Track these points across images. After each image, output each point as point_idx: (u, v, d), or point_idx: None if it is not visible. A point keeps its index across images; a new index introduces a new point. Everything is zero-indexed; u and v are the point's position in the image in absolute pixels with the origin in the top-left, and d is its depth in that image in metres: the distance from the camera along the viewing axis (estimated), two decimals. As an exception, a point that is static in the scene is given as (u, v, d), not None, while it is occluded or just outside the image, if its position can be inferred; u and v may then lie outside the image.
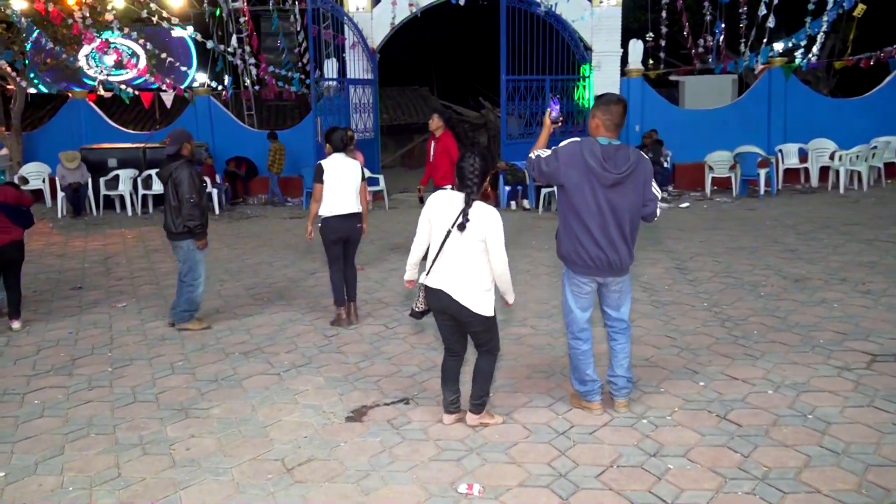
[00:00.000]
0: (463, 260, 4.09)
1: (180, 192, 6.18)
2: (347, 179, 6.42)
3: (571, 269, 4.45)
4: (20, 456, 4.22)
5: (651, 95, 15.05)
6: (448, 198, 4.16)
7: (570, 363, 4.66)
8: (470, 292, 4.11)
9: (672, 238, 10.02)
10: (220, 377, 5.37)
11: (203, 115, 15.15)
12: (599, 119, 4.29)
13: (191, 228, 6.25)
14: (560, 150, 4.31)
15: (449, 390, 4.43)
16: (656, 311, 6.68)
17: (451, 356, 4.41)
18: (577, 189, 4.24)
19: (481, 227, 4.03)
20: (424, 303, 4.33)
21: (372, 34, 14.45)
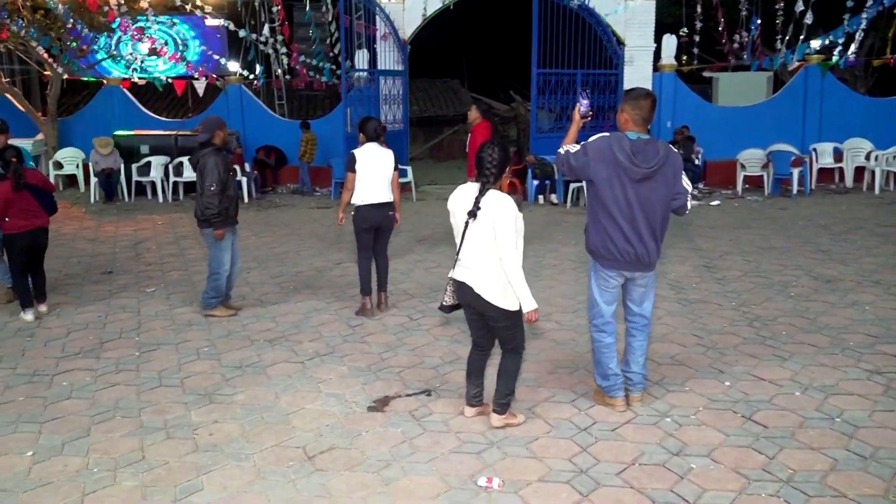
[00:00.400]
0: (481, 251, 4.02)
1: (204, 180, 6.22)
2: (380, 169, 6.45)
3: (599, 263, 4.44)
4: (47, 436, 4.29)
5: (684, 91, 14.86)
6: (466, 190, 4.14)
7: (594, 357, 4.64)
8: (491, 285, 4.03)
9: (702, 236, 9.90)
10: (245, 364, 5.41)
11: (234, 103, 15.25)
12: (628, 113, 4.27)
13: (207, 217, 6.27)
14: (589, 145, 4.31)
15: (473, 384, 4.40)
16: (683, 310, 6.61)
17: (478, 350, 4.37)
18: (605, 184, 4.23)
19: (491, 215, 3.96)
20: (453, 297, 4.28)
21: (403, 25, 14.42)
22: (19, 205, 6.27)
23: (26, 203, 6.29)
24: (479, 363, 4.38)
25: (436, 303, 6.86)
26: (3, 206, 6.25)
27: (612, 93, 14.32)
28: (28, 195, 6.28)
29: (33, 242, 6.43)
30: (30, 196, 6.29)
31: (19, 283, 6.53)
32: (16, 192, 6.23)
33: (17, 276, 6.51)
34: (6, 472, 3.89)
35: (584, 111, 4.53)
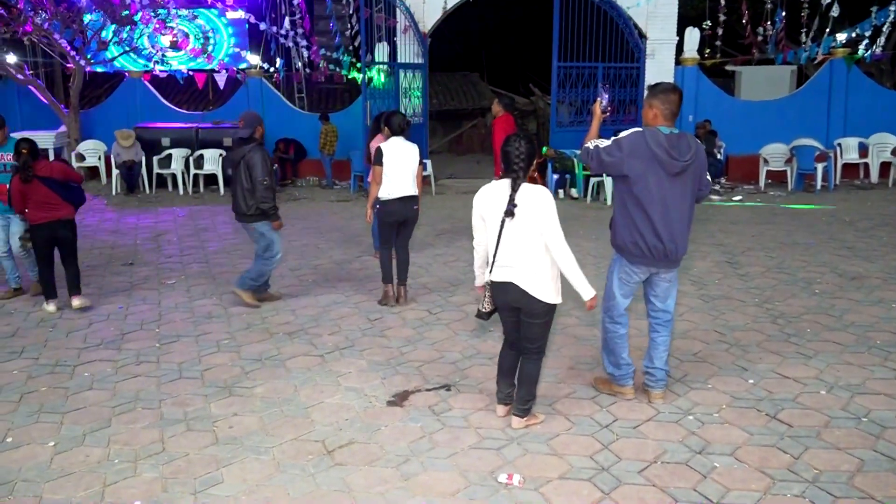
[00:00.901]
0: (523, 247, 3.93)
1: (254, 174, 6.24)
2: (406, 162, 6.51)
3: (627, 259, 4.41)
4: (69, 426, 4.32)
5: (706, 85, 14.69)
6: (495, 188, 4.04)
7: (605, 346, 4.64)
8: (538, 281, 3.95)
9: (724, 231, 9.79)
10: (265, 357, 5.42)
11: (255, 96, 15.28)
12: (658, 108, 4.24)
13: (265, 210, 6.34)
14: (623, 140, 4.26)
15: (506, 382, 4.31)
16: (705, 306, 6.54)
17: (511, 350, 4.28)
18: (640, 179, 4.20)
19: (532, 209, 3.89)
20: (491, 302, 4.19)
21: (423, 18, 14.35)
22: (35, 196, 6.30)
23: (43, 195, 6.29)
24: (511, 361, 4.28)
25: (455, 297, 6.87)
26: (19, 197, 6.33)
27: (633, 86, 14.18)
28: (43, 187, 6.27)
29: (54, 234, 6.43)
30: (45, 188, 6.27)
31: (42, 274, 6.58)
32: (24, 183, 6.24)
33: (41, 266, 6.56)
34: (29, 461, 3.91)
35: (605, 106, 4.53)
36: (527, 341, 4.15)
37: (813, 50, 13.74)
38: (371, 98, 13.47)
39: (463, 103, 23.32)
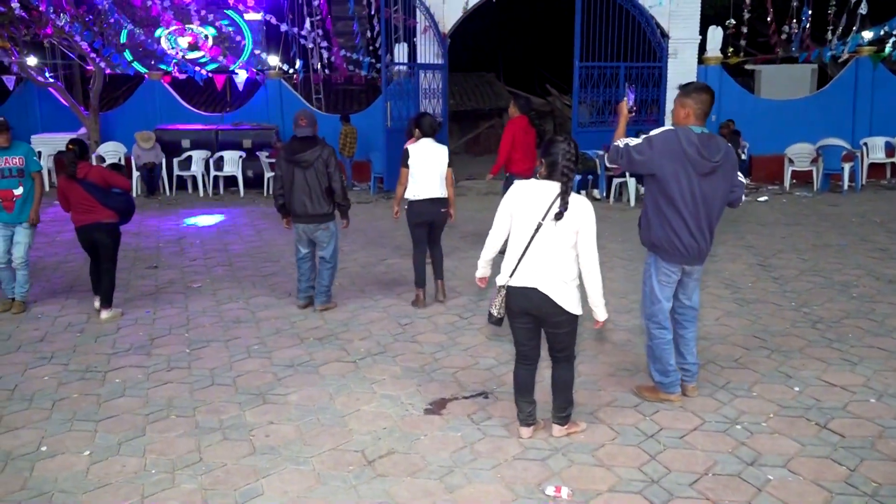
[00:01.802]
0: (555, 254, 3.81)
1: (334, 173, 6.21)
2: (434, 164, 6.52)
3: (662, 258, 4.37)
4: (103, 435, 4.25)
5: (729, 84, 14.52)
6: (535, 188, 3.86)
7: (652, 354, 4.54)
8: (564, 289, 3.83)
9: (752, 233, 9.64)
10: (296, 363, 5.34)
11: (274, 98, 15.23)
12: (691, 108, 4.22)
13: (343, 208, 6.35)
14: (654, 138, 4.23)
15: (525, 401, 4.10)
16: (741, 310, 6.40)
17: (526, 364, 4.08)
18: (672, 178, 4.19)
19: (576, 218, 3.78)
20: (505, 307, 4.00)
21: (443, 18, 14.27)
22: (74, 198, 6.29)
23: (81, 197, 6.28)
24: (529, 378, 4.09)
25: (486, 300, 6.76)
26: (62, 197, 6.36)
27: (655, 86, 14.05)
28: (81, 189, 6.25)
29: (91, 237, 6.39)
30: (83, 190, 6.25)
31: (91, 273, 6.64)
32: (68, 181, 6.26)
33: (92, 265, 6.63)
34: (65, 471, 3.84)
35: (631, 105, 4.56)
36: (555, 349, 4.04)
37: (839, 48, 13.54)
38: (391, 99, 13.40)
39: (480, 104, 23.20)
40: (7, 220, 6.47)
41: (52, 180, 14.26)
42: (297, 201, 6.22)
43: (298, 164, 6.17)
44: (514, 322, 4.01)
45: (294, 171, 6.18)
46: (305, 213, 6.24)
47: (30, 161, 6.52)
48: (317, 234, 6.36)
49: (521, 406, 4.12)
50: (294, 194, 6.21)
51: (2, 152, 6.40)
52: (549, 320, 3.90)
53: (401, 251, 8.88)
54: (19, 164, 6.43)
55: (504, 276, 3.93)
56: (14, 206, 6.42)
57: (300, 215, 6.28)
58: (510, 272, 3.89)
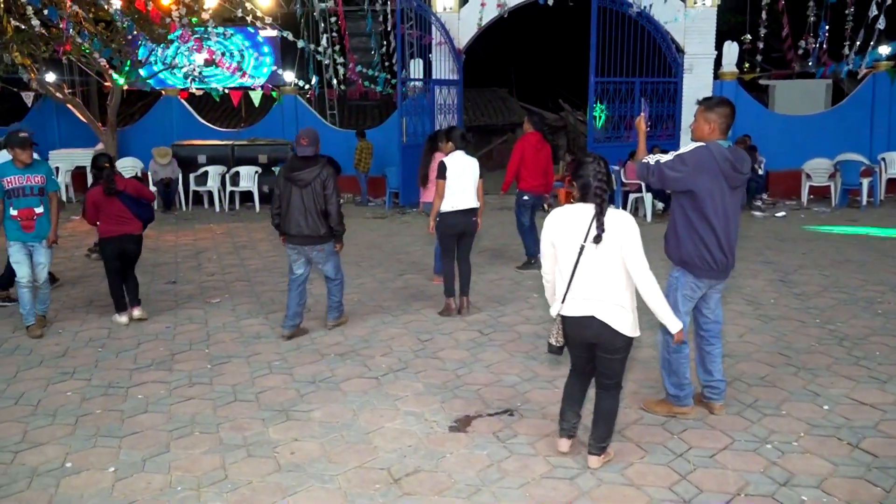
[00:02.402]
0: (605, 277, 3.67)
1: (331, 195, 5.98)
2: (469, 175, 6.71)
3: (693, 274, 4.35)
4: (127, 451, 4.23)
5: (745, 99, 14.48)
6: (571, 213, 3.73)
7: (667, 367, 4.51)
8: (621, 313, 3.68)
9: (771, 248, 9.57)
10: (318, 379, 5.31)
11: (289, 113, 15.33)
12: (715, 122, 4.25)
13: (337, 232, 6.12)
14: (686, 155, 4.24)
15: (573, 412, 4.02)
16: (765, 327, 6.34)
17: (580, 379, 4.00)
18: (707, 194, 4.20)
19: (617, 235, 3.64)
20: (563, 336, 3.87)
21: (458, 34, 14.33)
22: (110, 210, 6.39)
23: (117, 209, 6.39)
24: (580, 390, 4.01)
25: (506, 317, 6.74)
26: (93, 209, 6.43)
27: (671, 101, 14.04)
28: (118, 202, 6.38)
29: (123, 248, 6.50)
30: (120, 203, 6.38)
31: (112, 287, 6.67)
32: (106, 196, 6.36)
33: (111, 279, 6.66)
34: (90, 488, 3.82)
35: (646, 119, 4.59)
36: (604, 377, 3.88)
37: (857, 63, 13.49)
38: (406, 114, 13.44)
39: (493, 119, 23.25)
40: (27, 239, 6.32)
41: (69, 195, 14.38)
42: (293, 221, 6.00)
43: (296, 183, 5.96)
44: (573, 351, 3.93)
45: (291, 189, 5.98)
46: (300, 234, 6.02)
47: (49, 181, 6.42)
48: (312, 255, 6.15)
49: (566, 415, 4.04)
50: (290, 213, 6.00)
51: (25, 170, 6.26)
52: (607, 346, 3.75)
53: (418, 266, 8.87)
54: (40, 182, 6.34)
55: (556, 305, 3.84)
56: (34, 226, 6.30)
57: (294, 235, 6.05)
58: (562, 300, 3.79)
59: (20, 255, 6.31)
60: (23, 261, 6.32)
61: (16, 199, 6.23)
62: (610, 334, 3.71)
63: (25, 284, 6.35)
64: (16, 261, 6.30)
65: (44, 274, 6.47)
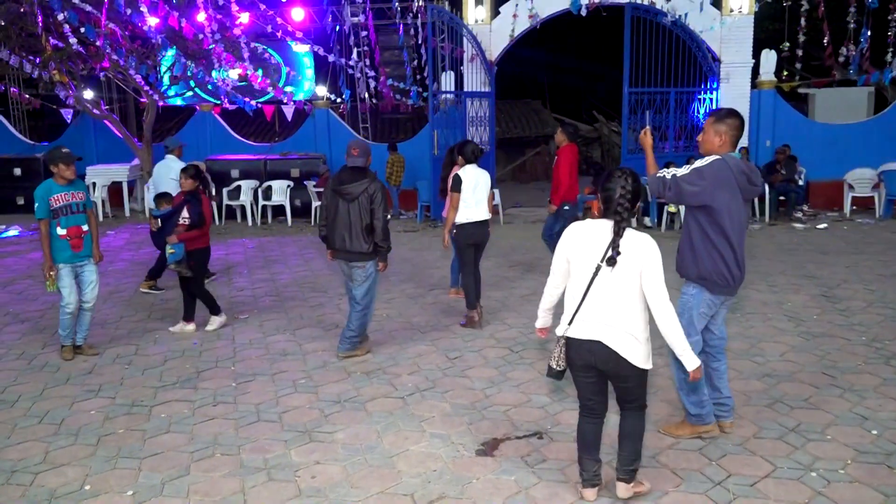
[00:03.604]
0: (618, 301, 3.44)
1: (377, 210, 5.78)
2: (481, 188, 6.87)
3: (711, 291, 4.22)
4: (147, 474, 4.15)
5: (784, 109, 14.16)
6: (591, 229, 3.52)
7: (684, 387, 4.32)
8: (630, 342, 3.44)
9: (813, 262, 9.26)
10: (343, 398, 5.19)
11: (321, 127, 15.35)
12: (727, 134, 4.18)
13: (381, 249, 5.92)
14: (705, 169, 4.12)
15: (591, 459, 3.69)
16: (808, 345, 6.08)
17: (592, 419, 3.67)
18: (725, 207, 4.11)
19: (636, 259, 3.42)
20: (565, 359, 3.64)
21: (490, 46, 14.24)
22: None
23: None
24: (594, 434, 3.68)
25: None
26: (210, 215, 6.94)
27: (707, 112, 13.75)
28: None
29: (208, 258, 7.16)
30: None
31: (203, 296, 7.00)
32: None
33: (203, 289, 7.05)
34: (107, 513, 3.74)
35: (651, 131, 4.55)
36: (624, 401, 3.65)
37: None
38: (438, 127, 13.36)
39: (526, 131, 23.10)
40: (77, 259, 6.11)
41: (105, 211, 14.54)
42: (337, 235, 5.85)
43: (343, 196, 5.80)
44: (576, 375, 3.63)
45: (338, 202, 5.83)
46: (343, 249, 5.85)
47: (88, 197, 6.33)
48: (352, 272, 5.95)
49: (585, 464, 3.71)
50: (335, 227, 5.86)
51: (68, 187, 6.10)
52: (615, 374, 3.53)
53: (448, 281, 8.72)
54: (83, 199, 6.22)
55: (563, 325, 3.59)
56: (83, 244, 6.13)
57: (338, 249, 5.90)
58: (569, 321, 3.55)
59: (69, 280, 6.07)
60: (71, 286, 6.09)
61: (63, 218, 6.02)
62: (616, 362, 3.46)
63: (71, 311, 6.11)
64: (64, 285, 6.05)
65: (94, 293, 6.27)
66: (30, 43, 12.85)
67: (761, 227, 12.16)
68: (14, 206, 14.94)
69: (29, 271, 9.64)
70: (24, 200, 14.94)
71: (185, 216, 6.77)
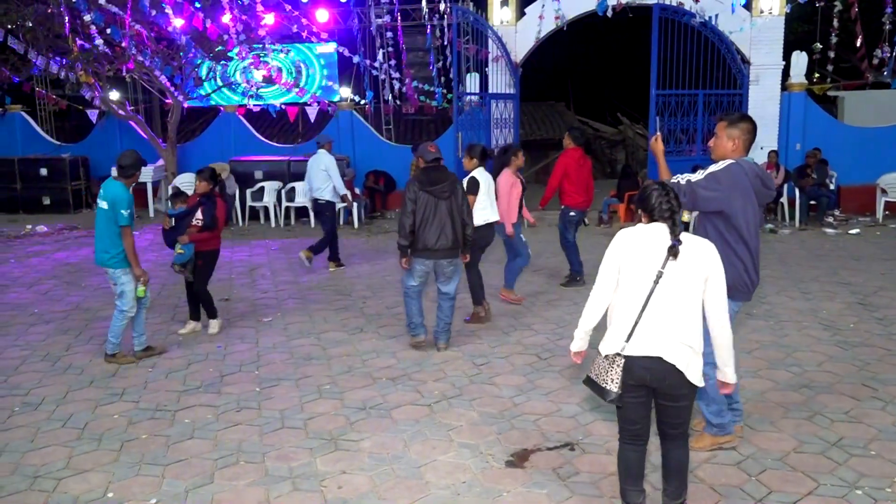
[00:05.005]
0: (679, 311, 3.20)
1: (466, 206, 6.07)
2: (491, 190, 7.07)
3: (733, 298, 4.02)
4: (171, 481, 4.07)
5: (815, 112, 13.88)
6: (643, 233, 3.28)
7: (707, 396, 4.16)
8: (689, 355, 3.20)
9: (847, 268, 9.04)
10: (369, 405, 5.10)
11: (345, 128, 15.28)
12: (740, 139, 4.10)
13: (470, 241, 6.15)
14: (720, 174, 4.04)
15: (635, 490, 3.42)
16: (845, 354, 5.90)
17: (636, 445, 3.39)
18: (741, 213, 4.04)
19: (700, 265, 3.21)
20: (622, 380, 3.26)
21: (515, 48, 14.11)
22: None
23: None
24: (639, 462, 3.41)
25: (564, 340, 6.42)
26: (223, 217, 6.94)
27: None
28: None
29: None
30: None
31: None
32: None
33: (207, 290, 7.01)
34: (130, 521, 3.67)
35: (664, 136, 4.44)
36: (668, 426, 3.37)
37: (937, 72, 12.79)
38: (462, 129, 13.25)
39: (550, 133, 22.92)
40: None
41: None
42: (433, 234, 5.87)
43: (438, 196, 5.86)
44: (625, 396, 3.29)
45: (434, 202, 5.87)
46: (444, 247, 5.91)
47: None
48: (448, 269, 6.11)
49: (630, 496, 3.42)
50: (431, 226, 5.86)
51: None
52: (669, 393, 3.26)
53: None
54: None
55: (617, 341, 3.27)
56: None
57: (435, 249, 5.90)
58: (626, 336, 3.24)
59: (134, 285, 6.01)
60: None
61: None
62: (676, 380, 3.21)
63: (132, 316, 6.05)
64: (131, 289, 5.99)
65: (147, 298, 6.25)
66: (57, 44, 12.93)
67: (791, 231, 11.92)
68: (40, 205, 15.03)
69: (54, 272, 9.65)
70: (49, 200, 15.05)
71: (199, 217, 6.74)
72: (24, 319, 7.37)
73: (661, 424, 3.40)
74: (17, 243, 11.88)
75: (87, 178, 15.61)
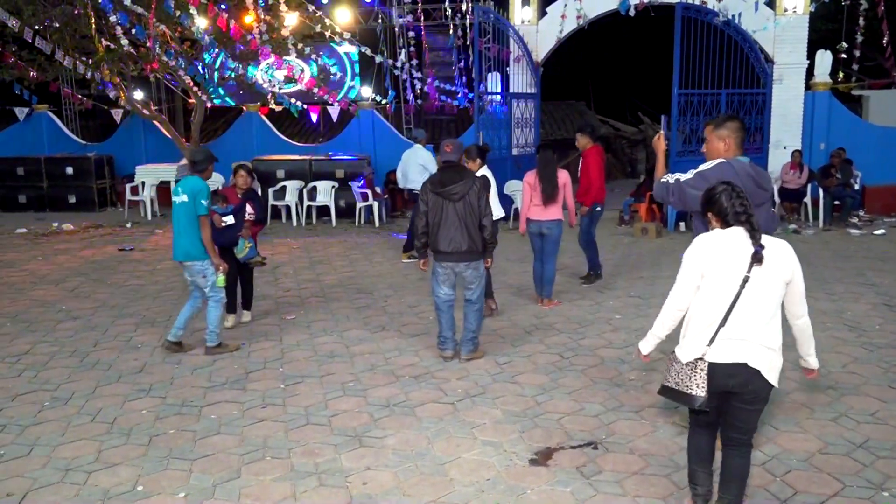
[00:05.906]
0: (765, 315, 3.17)
1: (486, 207, 5.77)
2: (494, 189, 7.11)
3: None
4: (198, 476, 4.13)
5: (839, 111, 13.76)
6: (724, 238, 3.22)
7: None
8: (771, 358, 3.19)
9: (872, 269, 8.96)
10: (392, 402, 5.13)
11: (366, 128, 15.35)
12: (730, 139, 4.10)
13: (493, 245, 5.94)
14: (709, 172, 4.02)
15: (704, 472, 3.46)
16: (871, 356, 5.86)
17: (709, 431, 3.44)
18: None
19: (783, 267, 3.18)
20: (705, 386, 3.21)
21: (537, 47, 14.11)
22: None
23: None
24: (710, 444, 3.45)
25: (586, 339, 6.45)
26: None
27: (759, 114, 13.43)
28: None
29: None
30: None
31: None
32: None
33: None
34: (160, 515, 3.73)
35: (666, 135, 4.49)
36: (737, 430, 3.32)
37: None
38: (483, 128, 13.26)
39: (570, 133, 22.84)
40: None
41: (153, 209, 14.75)
42: (445, 237, 5.73)
43: (449, 197, 5.71)
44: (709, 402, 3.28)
45: (443, 204, 5.74)
46: (457, 251, 5.74)
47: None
48: (466, 274, 5.88)
49: (699, 478, 3.46)
50: (443, 229, 5.74)
51: None
52: (749, 396, 3.22)
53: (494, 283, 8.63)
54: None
55: (698, 346, 3.22)
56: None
57: (449, 252, 5.76)
58: (707, 341, 3.19)
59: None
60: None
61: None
62: (758, 383, 3.18)
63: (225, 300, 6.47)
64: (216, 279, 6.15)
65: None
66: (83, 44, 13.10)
67: (815, 232, 11.83)
68: (67, 204, 15.24)
69: (80, 269, 9.78)
70: (75, 199, 15.24)
71: (250, 212, 6.96)
72: (52, 316, 7.49)
73: (728, 429, 3.37)
74: (43, 241, 12.06)
75: (111, 177, 15.82)
